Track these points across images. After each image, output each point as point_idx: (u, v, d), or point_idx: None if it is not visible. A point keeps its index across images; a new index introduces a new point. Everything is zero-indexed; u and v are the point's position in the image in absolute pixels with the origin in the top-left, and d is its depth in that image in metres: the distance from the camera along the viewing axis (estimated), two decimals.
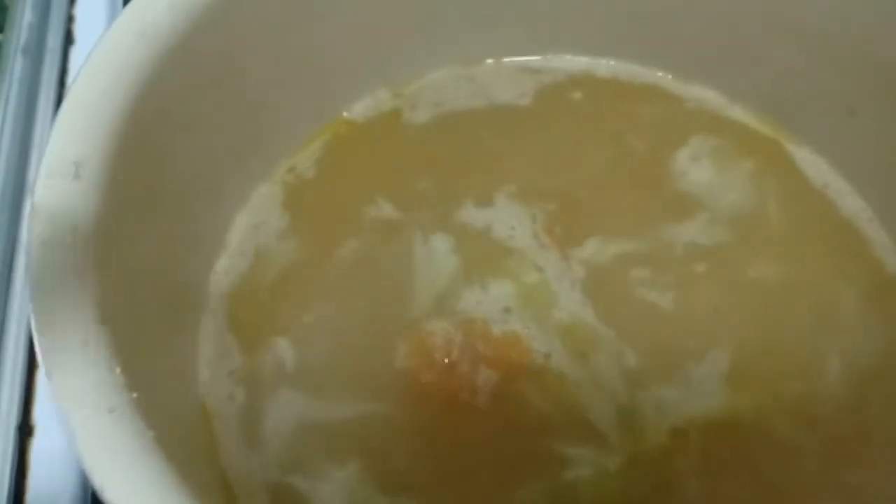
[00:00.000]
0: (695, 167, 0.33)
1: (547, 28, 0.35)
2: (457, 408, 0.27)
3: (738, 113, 0.34)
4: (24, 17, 0.43)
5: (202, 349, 0.28)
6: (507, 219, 0.32)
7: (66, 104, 0.22)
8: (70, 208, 0.21)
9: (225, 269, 0.30)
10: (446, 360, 0.28)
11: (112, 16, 0.43)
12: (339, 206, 0.33)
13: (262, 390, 0.28)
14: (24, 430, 0.31)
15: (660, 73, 0.35)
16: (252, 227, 0.32)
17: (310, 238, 0.32)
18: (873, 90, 0.30)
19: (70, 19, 0.43)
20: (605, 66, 0.35)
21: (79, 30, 0.43)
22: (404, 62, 0.35)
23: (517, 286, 0.30)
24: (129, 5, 0.25)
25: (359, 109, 0.35)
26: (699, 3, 0.32)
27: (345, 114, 0.35)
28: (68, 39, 0.42)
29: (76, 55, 0.42)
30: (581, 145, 0.34)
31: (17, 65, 0.41)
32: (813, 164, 0.32)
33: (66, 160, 0.21)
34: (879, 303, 0.30)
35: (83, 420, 0.18)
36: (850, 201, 0.32)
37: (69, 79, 0.41)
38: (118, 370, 0.19)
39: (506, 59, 0.36)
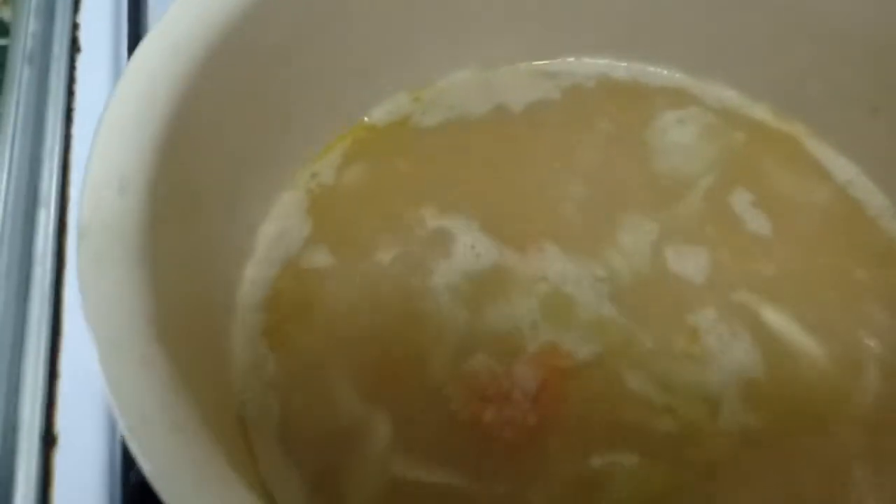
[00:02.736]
0: (714, 165, 0.33)
1: (564, 31, 0.35)
2: (530, 435, 0.27)
3: (760, 112, 0.34)
4: (28, 25, 0.42)
5: (236, 359, 0.28)
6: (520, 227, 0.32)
7: (105, 119, 0.22)
8: (118, 223, 0.20)
9: (252, 279, 0.30)
10: (499, 394, 0.28)
11: (117, 23, 0.43)
12: (361, 212, 0.32)
13: (296, 400, 0.28)
14: (48, 440, 0.31)
15: (678, 75, 0.35)
16: (277, 235, 0.32)
17: (334, 247, 0.31)
18: (891, 88, 0.30)
19: (75, 27, 0.43)
20: (624, 69, 0.36)
21: (84, 37, 0.42)
22: (422, 66, 0.35)
23: (536, 299, 0.30)
24: (163, 19, 0.25)
25: (378, 114, 0.35)
26: (718, 3, 0.32)
27: (365, 119, 0.35)
28: (74, 47, 0.42)
29: (83, 63, 0.42)
30: (598, 147, 0.34)
31: (24, 74, 0.41)
32: (836, 162, 0.33)
33: (110, 175, 0.21)
34: None
35: (151, 440, 0.17)
36: (875, 199, 0.32)
37: (77, 87, 0.41)
38: (176, 391, 0.18)
39: (524, 63, 0.36)
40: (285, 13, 0.29)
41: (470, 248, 0.30)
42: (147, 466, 0.17)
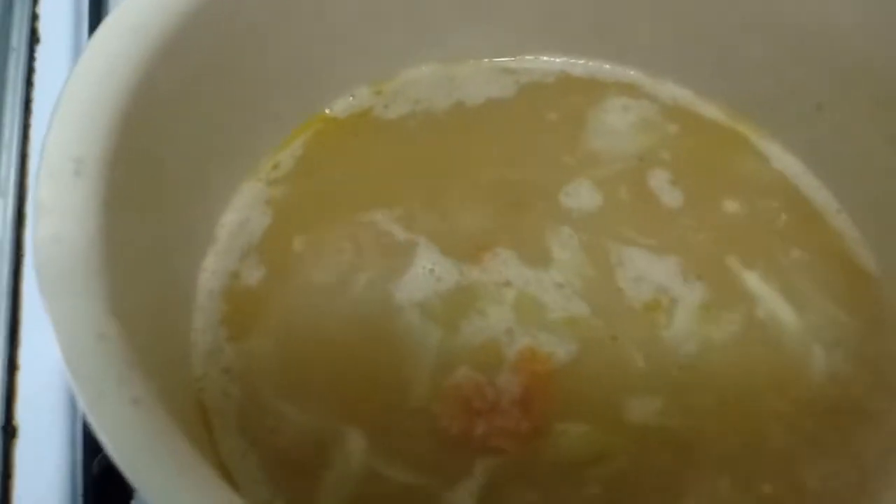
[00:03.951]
0: (666, 162, 0.34)
1: (524, 28, 0.36)
2: (520, 440, 0.27)
3: (711, 110, 0.35)
4: None
5: (194, 346, 0.28)
6: (478, 228, 0.32)
7: (62, 99, 0.22)
8: (74, 204, 0.21)
9: (213, 268, 0.30)
10: (487, 405, 0.28)
11: (78, 13, 0.43)
12: (320, 204, 0.33)
13: (255, 388, 0.28)
14: (8, 432, 0.30)
15: (633, 72, 0.36)
16: (238, 224, 0.32)
17: (293, 242, 0.31)
18: (839, 86, 0.32)
19: (34, 17, 0.42)
20: (582, 66, 0.36)
21: (44, 28, 0.42)
22: (385, 59, 0.36)
23: (507, 306, 0.30)
24: (123, 2, 0.25)
25: (340, 106, 0.35)
26: (673, 5, 0.33)
27: (326, 110, 0.35)
28: (34, 38, 0.42)
29: (42, 54, 0.41)
30: (555, 143, 0.35)
31: None
32: (783, 159, 0.34)
33: (66, 157, 0.21)
34: (848, 293, 0.31)
35: (109, 412, 0.18)
36: (820, 195, 0.33)
37: (36, 78, 0.41)
38: (133, 365, 0.19)
39: (485, 58, 0.36)
40: (247, 4, 0.29)
41: (429, 271, 0.30)
42: (106, 440, 0.17)
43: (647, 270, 0.31)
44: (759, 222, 0.33)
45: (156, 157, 0.26)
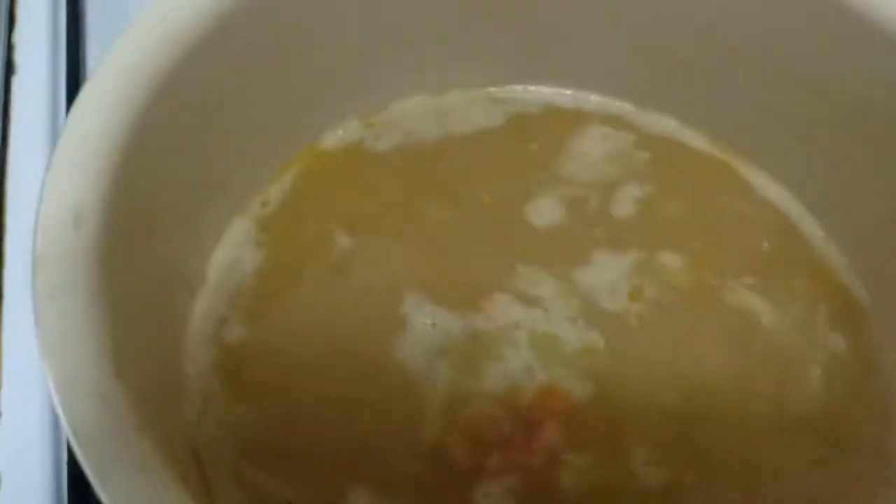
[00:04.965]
0: (651, 194, 0.34)
1: (512, 59, 0.36)
2: (538, 478, 0.27)
3: (697, 139, 0.35)
4: None
5: (189, 393, 0.28)
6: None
7: (59, 150, 0.22)
8: (73, 257, 0.20)
9: (204, 311, 0.30)
10: (501, 439, 0.28)
11: (55, 42, 0.42)
12: (310, 246, 0.32)
13: (250, 440, 0.27)
14: None
15: (618, 103, 0.36)
16: (228, 266, 0.31)
17: (282, 285, 0.31)
18: (826, 116, 0.32)
19: (10, 47, 0.41)
20: (570, 97, 0.37)
21: (20, 58, 0.41)
22: (375, 92, 0.35)
23: (524, 347, 0.30)
24: (113, 47, 0.24)
25: (329, 140, 0.35)
26: (658, 33, 0.34)
27: (315, 144, 0.35)
28: (9, 69, 0.41)
29: (18, 84, 0.40)
30: (529, 172, 0.35)
31: None
32: (769, 187, 0.34)
33: (65, 208, 0.20)
34: (837, 321, 0.32)
35: (116, 481, 0.17)
36: (807, 223, 0.34)
37: (12, 109, 0.40)
38: (140, 429, 0.18)
39: (474, 89, 0.36)
40: (237, 41, 0.28)
41: (431, 326, 0.30)
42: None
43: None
44: (746, 248, 0.33)
45: (149, 200, 0.25)
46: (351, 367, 0.29)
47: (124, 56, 0.24)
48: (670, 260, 0.33)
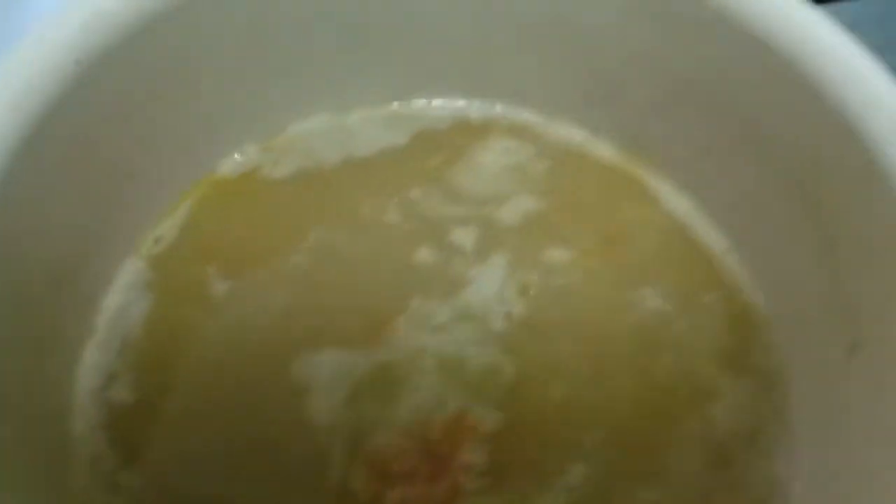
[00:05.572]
0: (544, 205, 0.34)
1: (416, 72, 0.35)
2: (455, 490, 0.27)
3: (603, 150, 0.35)
4: None
5: (76, 457, 0.27)
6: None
7: None
8: None
9: (93, 363, 0.29)
10: (404, 471, 0.27)
11: None
12: (190, 285, 0.31)
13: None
14: None
15: (527, 114, 0.35)
16: (117, 312, 0.30)
17: (173, 330, 0.30)
18: (726, 129, 0.31)
19: None
20: (477, 108, 0.36)
21: None
22: (273, 115, 0.34)
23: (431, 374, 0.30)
24: None
25: (225, 167, 0.34)
26: (563, 43, 0.33)
27: (211, 173, 0.34)
28: None
29: None
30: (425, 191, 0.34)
31: None
32: (673, 199, 0.34)
33: None
34: (734, 333, 0.31)
35: None
36: (710, 235, 0.33)
37: None
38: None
39: (377, 106, 0.35)
40: (124, 67, 0.27)
41: (331, 363, 0.29)
42: None
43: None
44: (644, 255, 0.33)
45: (31, 243, 0.24)
46: (248, 420, 0.28)
47: (6, 87, 0.23)
48: (557, 254, 0.32)
